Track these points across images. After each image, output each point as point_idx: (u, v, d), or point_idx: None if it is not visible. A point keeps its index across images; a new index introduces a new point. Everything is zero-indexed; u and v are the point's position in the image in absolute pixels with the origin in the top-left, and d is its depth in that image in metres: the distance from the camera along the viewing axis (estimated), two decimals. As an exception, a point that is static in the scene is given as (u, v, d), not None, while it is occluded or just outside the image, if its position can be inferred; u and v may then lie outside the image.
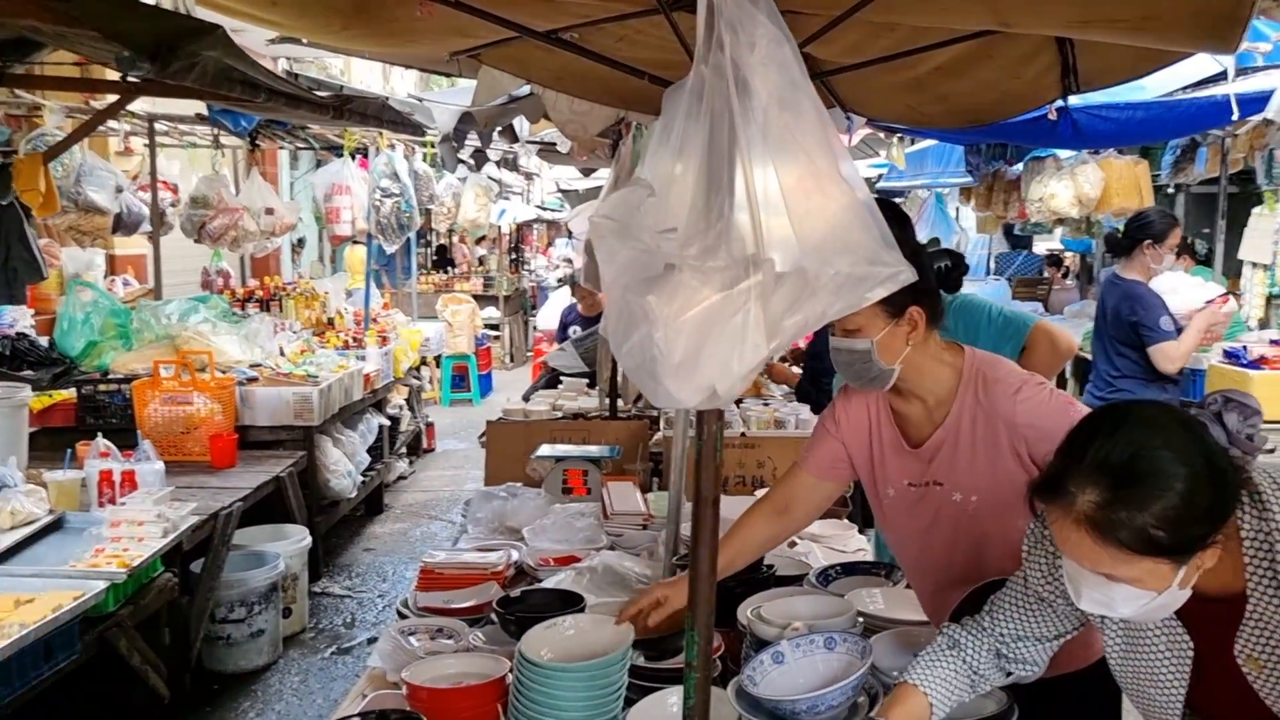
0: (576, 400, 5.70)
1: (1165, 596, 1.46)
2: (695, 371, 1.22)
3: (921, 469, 2.22)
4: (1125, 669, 1.73)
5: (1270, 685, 1.55)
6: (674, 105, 1.32)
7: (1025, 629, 1.80)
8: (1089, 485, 1.43)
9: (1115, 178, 6.93)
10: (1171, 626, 1.63)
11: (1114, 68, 3.07)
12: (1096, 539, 1.43)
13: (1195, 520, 1.41)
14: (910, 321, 2.10)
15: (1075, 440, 1.50)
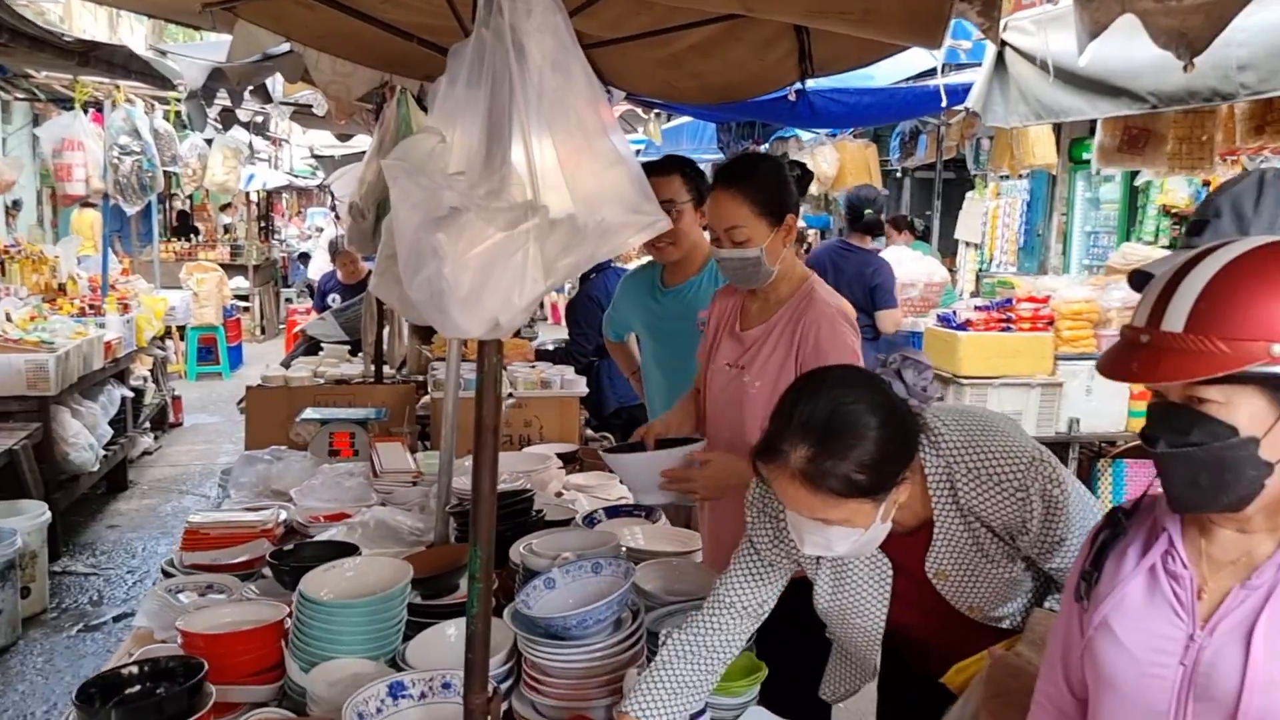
0: (339, 367, 5.64)
1: (872, 531, 1.72)
2: (480, 304, 1.35)
3: (739, 352, 2.58)
4: (834, 605, 1.98)
5: (956, 590, 1.88)
6: (458, 63, 1.44)
7: (761, 593, 1.96)
8: (799, 443, 1.65)
9: (849, 158, 7.56)
10: (876, 556, 1.92)
11: (844, 56, 3.41)
12: (810, 489, 1.65)
13: (888, 462, 1.66)
14: (787, 227, 2.51)
15: (783, 406, 1.72)
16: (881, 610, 1.94)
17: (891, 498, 1.70)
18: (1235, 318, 1.18)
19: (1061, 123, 6.63)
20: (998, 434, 1.80)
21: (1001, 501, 1.76)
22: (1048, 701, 1.53)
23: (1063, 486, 1.74)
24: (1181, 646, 1.29)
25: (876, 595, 1.93)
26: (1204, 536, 1.32)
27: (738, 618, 1.96)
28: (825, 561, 1.95)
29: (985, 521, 1.79)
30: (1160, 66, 2.67)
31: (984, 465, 1.76)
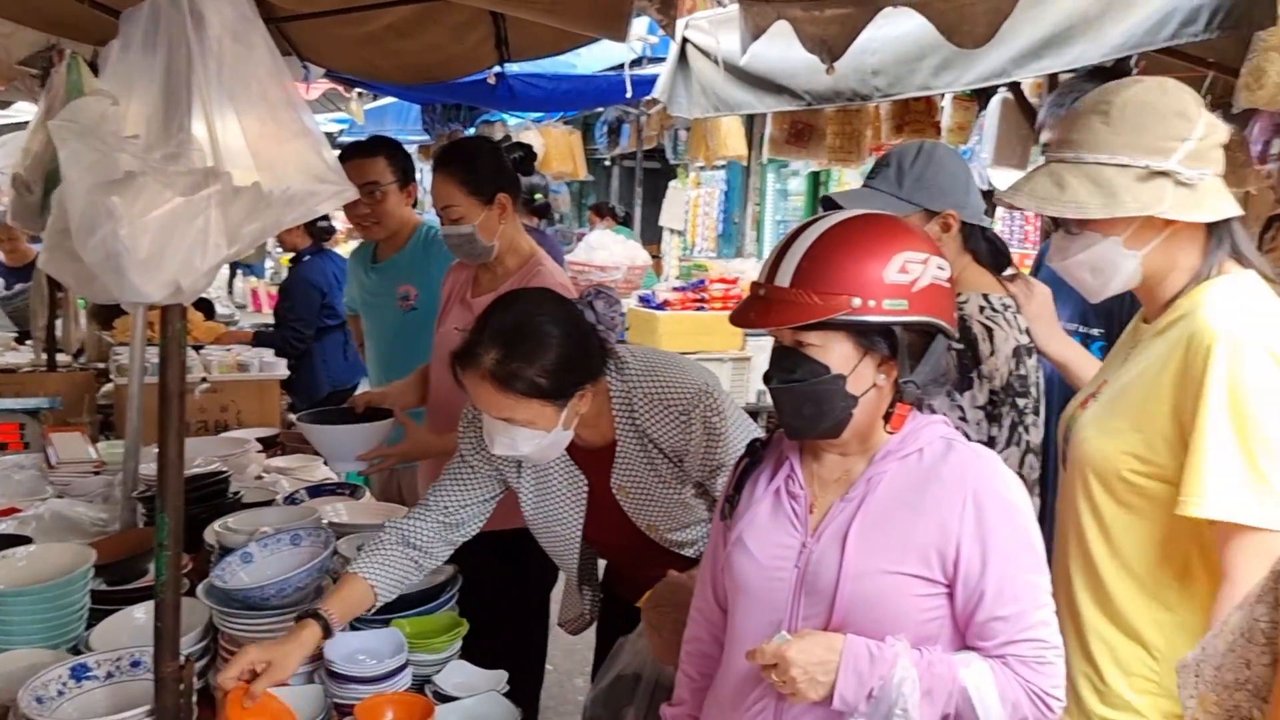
0: (3, 355, 5.17)
1: (554, 435, 1.93)
2: (160, 267, 1.35)
3: (469, 319, 2.62)
4: (538, 514, 2.18)
5: (635, 507, 2.11)
6: (132, 28, 1.42)
7: (466, 496, 2.16)
8: (490, 347, 1.86)
9: (554, 144, 7.77)
10: (571, 470, 2.12)
11: (539, 42, 3.56)
12: (498, 389, 1.86)
13: (568, 371, 1.89)
14: (500, 205, 2.70)
15: (481, 317, 1.93)
16: (578, 520, 2.15)
17: (573, 406, 1.91)
18: (827, 275, 1.43)
19: (752, 116, 7.16)
20: (674, 367, 2.06)
21: (669, 424, 2.00)
22: (699, 614, 1.75)
23: (723, 417, 1.99)
24: (796, 553, 1.53)
25: (573, 505, 2.14)
26: (815, 461, 1.58)
27: (441, 520, 2.13)
28: (527, 473, 2.13)
29: (657, 443, 2.03)
30: (812, 68, 3.00)
31: (657, 390, 2.00)
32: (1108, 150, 1.62)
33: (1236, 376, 1.53)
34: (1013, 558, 1.45)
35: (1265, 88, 2.24)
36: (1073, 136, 1.67)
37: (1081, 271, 1.74)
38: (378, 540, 2.09)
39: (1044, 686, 1.45)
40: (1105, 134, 1.63)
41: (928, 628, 1.47)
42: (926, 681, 1.39)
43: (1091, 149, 1.64)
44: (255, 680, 1.79)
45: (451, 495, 2.15)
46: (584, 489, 2.13)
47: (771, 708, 1.52)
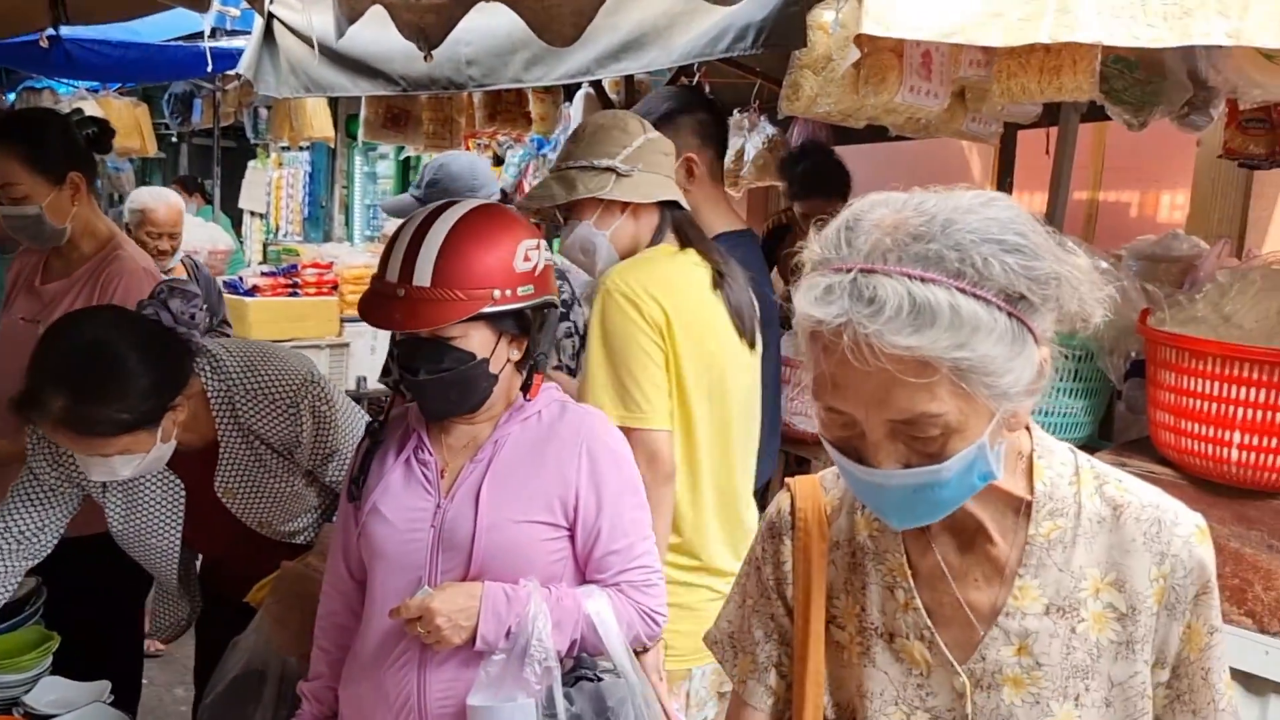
0: None
1: (155, 452, 1.83)
2: None
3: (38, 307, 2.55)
4: (128, 528, 2.03)
5: (244, 506, 2.04)
6: None
7: (43, 517, 1.98)
8: (56, 394, 1.69)
9: (116, 117, 7.02)
10: (167, 477, 2.01)
11: (104, 7, 3.28)
12: (78, 435, 1.72)
13: (154, 394, 1.77)
14: (72, 185, 2.49)
15: (36, 355, 1.74)
16: (175, 529, 2.03)
17: (169, 419, 1.82)
18: (467, 272, 1.54)
19: (338, 98, 6.99)
20: (275, 359, 1.99)
21: (276, 417, 1.96)
22: (332, 589, 1.79)
23: (331, 404, 2.00)
24: (431, 514, 1.63)
25: (170, 514, 2.03)
26: (443, 431, 1.68)
27: (14, 543, 1.95)
28: (114, 486, 1.98)
29: (264, 439, 1.98)
30: (409, 54, 3.04)
31: (261, 385, 1.94)
32: (573, 159, 2.11)
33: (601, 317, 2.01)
34: (621, 498, 1.67)
35: (801, 99, 2.65)
36: (560, 157, 2.17)
37: (574, 253, 2.17)
38: None
39: (652, 606, 1.69)
40: (575, 149, 2.12)
41: (554, 568, 1.64)
42: (556, 614, 1.57)
43: (563, 160, 2.14)
44: None
45: (25, 517, 1.96)
46: (181, 494, 2.02)
47: (416, 659, 1.60)
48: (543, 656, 1.54)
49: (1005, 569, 1.05)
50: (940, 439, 0.92)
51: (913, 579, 1.08)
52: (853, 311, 0.88)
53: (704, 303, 2.09)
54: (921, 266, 0.89)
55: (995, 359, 0.90)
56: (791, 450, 3.25)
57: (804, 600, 1.14)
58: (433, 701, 1.59)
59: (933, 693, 1.07)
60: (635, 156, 2.08)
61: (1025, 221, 0.95)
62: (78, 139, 2.57)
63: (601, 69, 2.81)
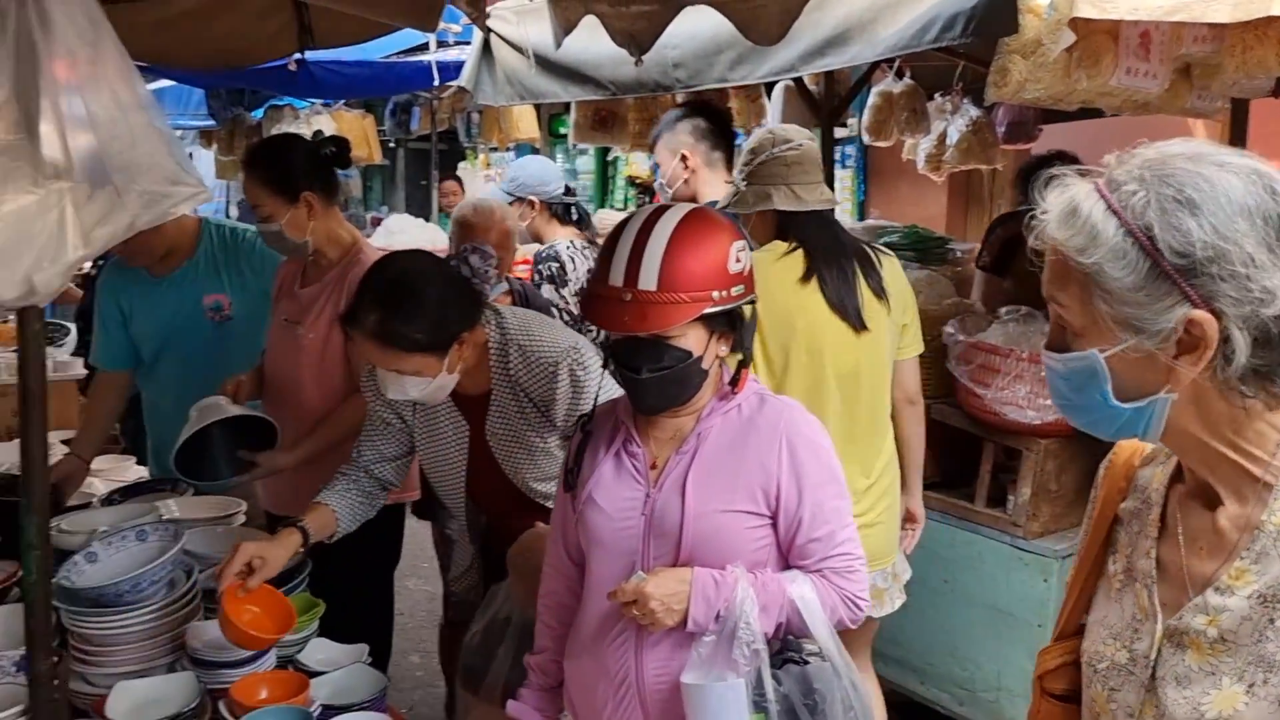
0: None
1: (439, 379, 2.11)
2: (15, 265, 1.37)
3: (296, 309, 2.82)
4: (426, 453, 2.37)
5: (502, 452, 2.28)
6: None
7: (380, 452, 2.37)
8: (371, 310, 2.03)
9: (347, 128, 7.61)
10: (455, 415, 2.29)
11: (344, 31, 3.58)
12: (381, 347, 2.04)
13: (445, 325, 2.06)
14: (306, 203, 2.76)
15: (362, 281, 2.12)
16: (461, 459, 2.33)
17: (454, 353, 2.09)
18: (689, 276, 1.64)
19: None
20: (548, 325, 2.28)
21: (538, 375, 2.19)
22: (553, 570, 1.94)
23: (588, 371, 2.17)
24: (642, 503, 1.75)
25: (457, 446, 2.33)
26: (650, 424, 1.79)
27: (363, 474, 2.36)
28: (418, 412, 2.31)
29: (528, 392, 2.22)
30: (618, 60, 3.17)
31: (531, 343, 2.19)
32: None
33: None
34: (822, 488, 1.74)
35: (1009, 85, 2.61)
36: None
37: None
38: (340, 475, 2.35)
39: (855, 591, 1.76)
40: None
41: (758, 555, 1.73)
42: (762, 599, 1.66)
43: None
44: (250, 576, 2.01)
45: (369, 451, 2.37)
46: (465, 431, 2.30)
47: (632, 639, 1.73)
48: (750, 639, 1.63)
49: (1230, 546, 1.05)
50: (1064, 333, 1.05)
51: (1158, 533, 1.13)
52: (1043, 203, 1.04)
53: (792, 291, 2.59)
54: (1109, 184, 1.00)
55: (1115, 280, 0.98)
56: (1000, 440, 3.20)
57: (1094, 521, 1.23)
58: (649, 678, 1.71)
59: (1140, 637, 1.10)
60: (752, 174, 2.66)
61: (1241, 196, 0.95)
62: (315, 160, 2.82)
63: (806, 65, 2.85)
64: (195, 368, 3.09)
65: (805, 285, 2.60)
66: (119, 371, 3.21)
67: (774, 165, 2.63)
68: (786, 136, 2.69)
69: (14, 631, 2.02)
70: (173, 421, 3.17)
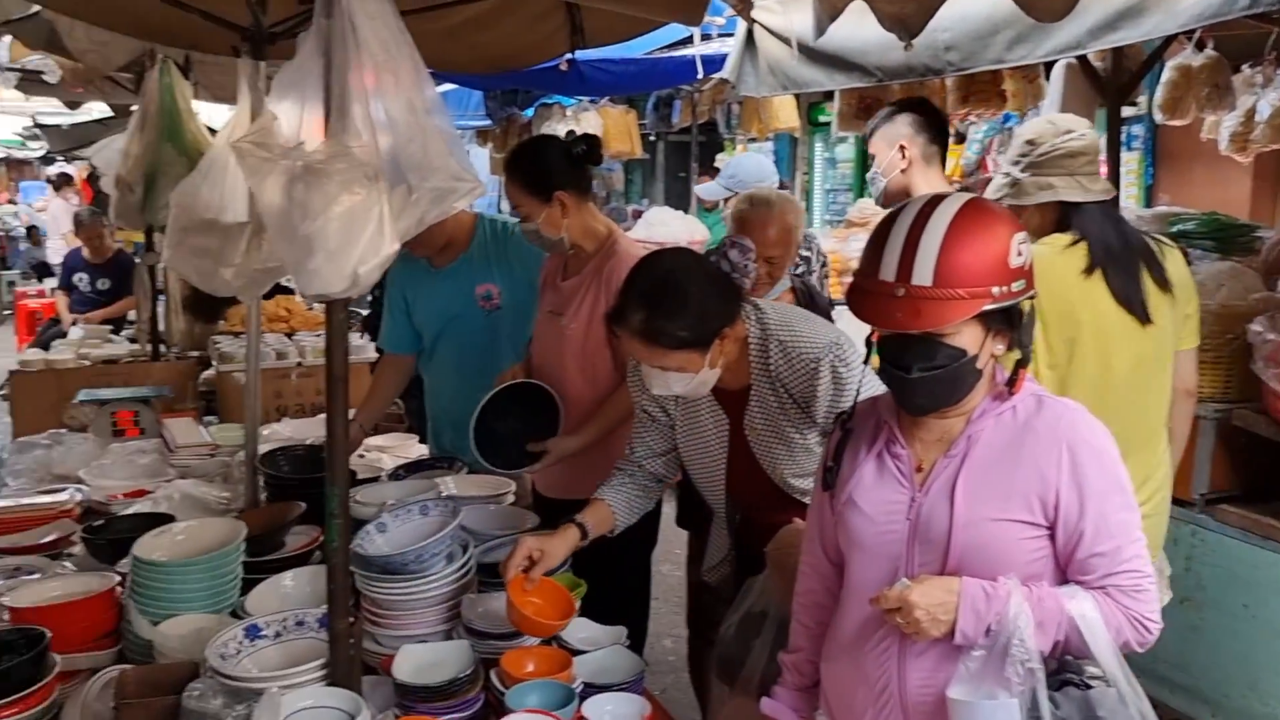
0: (102, 348, 5.42)
1: (702, 375, 2.15)
2: (345, 260, 1.51)
3: (559, 301, 2.94)
4: (686, 446, 2.43)
5: (761, 448, 2.30)
6: (304, 46, 1.58)
7: (650, 447, 2.46)
8: (637, 309, 2.10)
9: (612, 124, 7.88)
10: (716, 410, 2.34)
11: (612, 29, 3.68)
12: (647, 344, 2.10)
13: (707, 322, 2.10)
14: (559, 202, 2.85)
15: (627, 280, 2.17)
16: (721, 452, 2.37)
17: (716, 349, 2.13)
18: (968, 271, 1.55)
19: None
20: (808, 320, 2.27)
21: (800, 370, 2.19)
22: (810, 570, 1.91)
23: (850, 368, 2.15)
24: (907, 507, 1.68)
25: (717, 439, 2.37)
26: (915, 425, 1.71)
27: (637, 468, 2.48)
28: (679, 405, 2.38)
29: (787, 388, 2.22)
30: (884, 46, 3.09)
31: (792, 339, 2.20)
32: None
33: None
34: (1106, 498, 1.60)
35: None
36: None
37: None
38: (617, 471, 2.46)
39: (1143, 612, 1.61)
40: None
41: (1034, 567, 1.61)
42: (1038, 614, 1.54)
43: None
44: (532, 568, 2.14)
45: (640, 446, 2.47)
46: (725, 425, 2.34)
47: (895, 647, 1.66)
48: (1025, 657, 1.52)
49: None
50: None
51: None
52: None
53: (1076, 285, 2.49)
54: None
55: None
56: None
57: None
58: (912, 689, 1.65)
59: None
60: (1032, 164, 2.56)
61: None
62: (567, 160, 2.92)
63: (1095, 41, 2.65)
64: (468, 353, 3.35)
65: (1089, 278, 2.50)
66: (402, 355, 3.51)
67: (1057, 155, 2.54)
68: (1069, 126, 2.59)
69: (318, 591, 2.24)
70: (449, 403, 3.46)
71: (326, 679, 1.85)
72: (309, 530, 2.61)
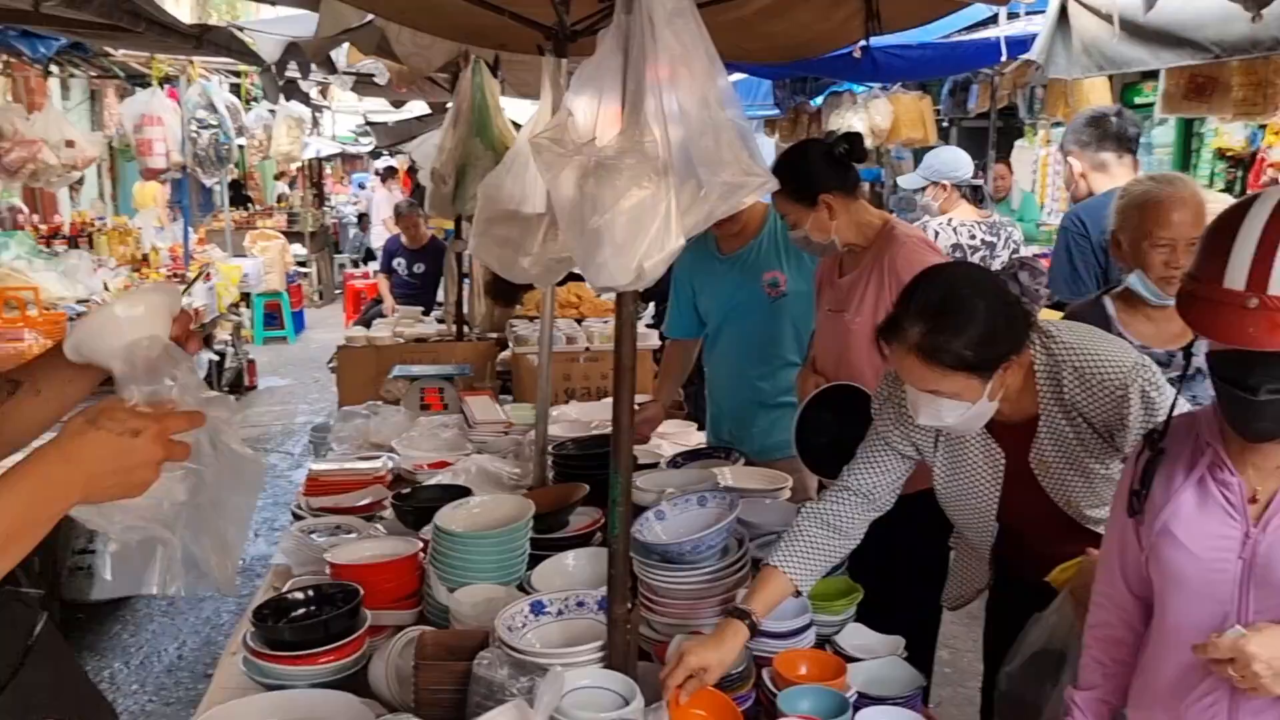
0: (414, 327, 5.90)
1: (979, 406, 1.94)
2: (630, 253, 1.54)
3: (839, 297, 2.88)
4: (950, 487, 2.22)
5: (1055, 482, 2.09)
6: (604, 44, 1.63)
7: (884, 477, 2.20)
8: (915, 322, 1.90)
9: (903, 111, 7.61)
10: (988, 444, 2.13)
11: (911, 13, 3.53)
12: (924, 362, 1.90)
13: (994, 343, 1.90)
14: (825, 205, 2.80)
15: (904, 293, 1.99)
16: (994, 492, 2.16)
17: (998, 378, 1.92)
18: None
19: (1115, 69, 6.63)
20: (1106, 341, 2.04)
21: (1104, 399, 1.97)
22: (1107, 601, 1.73)
23: (1160, 390, 1.93)
24: (1239, 543, 1.48)
25: (989, 478, 2.15)
26: (1249, 450, 1.50)
27: (860, 500, 2.19)
28: (942, 445, 2.17)
29: (1087, 417, 2.01)
30: (1224, 17, 2.76)
31: (1090, 365, 1.98)
32: None
33: None
34: None
35: None
36: None
37: None
38: (797, 529, 2.14)
39: None
40: None
41: None
42: None
43: None
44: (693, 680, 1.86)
45: (871, 475, 2.20)
46: (1000, 462, 2.13)
47: (1225, 702, 1.49)
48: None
49: None
50: None
51: None
52: None
53: None
54: None
55: None
56: None
57: None
58: None
59: None
60: None
61: None
62: (829, 161, 2.86)
63: None
64: (750, 340, 3.41)
65: None
66: (687, 340, 3.67)
67: None
68: None
69: (597, 573, 2.31)
70: (728, 391, 3.51)
71: (603, 661, 1.90)
72: (590, 512, 2.71)
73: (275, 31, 5.98)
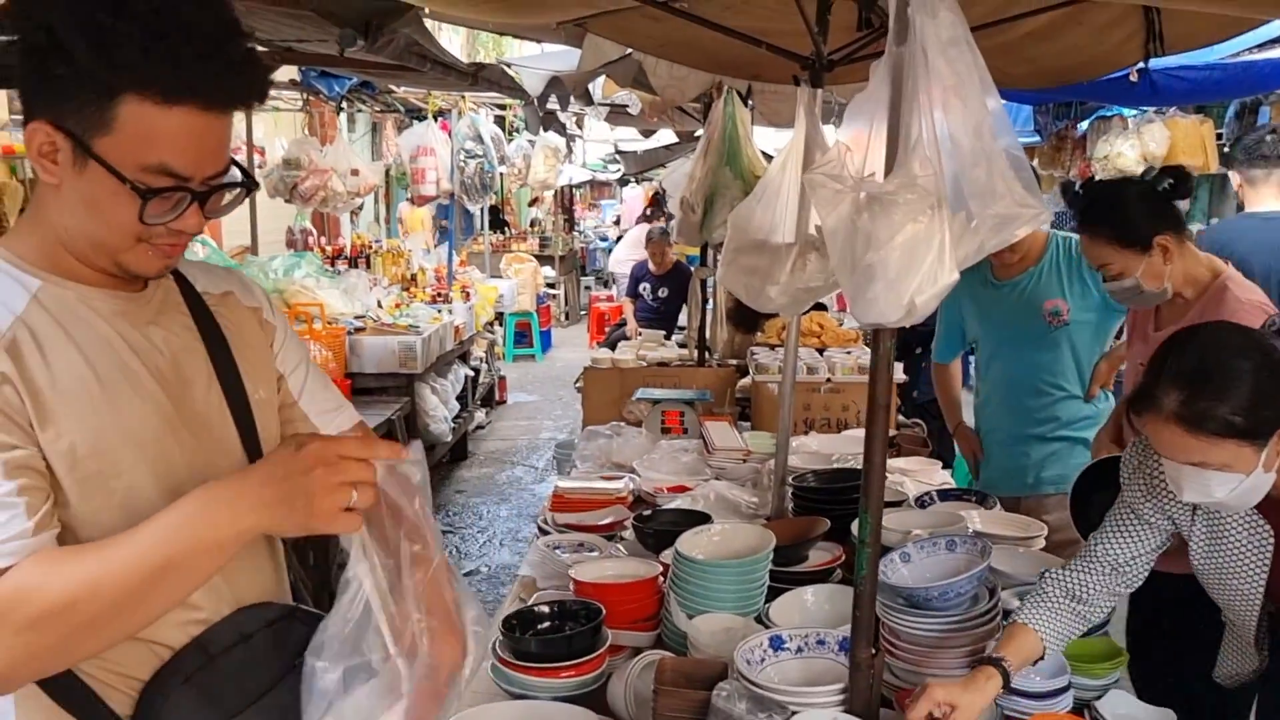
0: (657, 350, 6.02)
1: (1253, 478, 1.74)
2: (902, 288, 1.50)
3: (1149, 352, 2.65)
4: (1209, 565, 2.00)
5: None
6: (876, 77, 1.61)
7: (1135, 548, 2.03)
8: (1172, 389, 1.73)
9: (1181, 136, 7.05)
10: (1252, 518, 1.92)
11: (1198, 33, 3.27)
12: (1186, 431, 1.72)
13: (1266, 405, 1.70)
14: (1160, 248, 2.59)
15: (1156, 359, 1.81)
16: (1260, 574, 1.95)
17: (1275, 446, 1.72)
18: None
19: None
20: None
21: None
22: None
23: None
24: None
25: (1255, 558, 1.94)
26: None
27: (1108, 571, 2.03)
28: (1200, 519, 1.97)
29: None
30: None
31: None
32: None
33: None
34: None
35: None
36: None
37: None
38: (1041, 592, 2.05)
39: None
40: None
41: None
42: None
43: None
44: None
45: (1119, 546, 2.04)
46: (1269, 542, 1.91)
47: None
48: None
49: None
50: None
51: None
52: None
53: None
54: None
55: None
56: None
57: None
58: None
59: None
60: None
61: None
62: (1154, 199, 2.64)
63: None
64: (1024, 368, 3.33)
65: None
66: (954, 363, 3.74)
67: None
68: None
69: (837, 610, 2.26)
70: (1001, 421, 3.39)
71: (844, 705, 1.85)
72: (830, 547, 2.66)
73: (540, 66, 6.32)
